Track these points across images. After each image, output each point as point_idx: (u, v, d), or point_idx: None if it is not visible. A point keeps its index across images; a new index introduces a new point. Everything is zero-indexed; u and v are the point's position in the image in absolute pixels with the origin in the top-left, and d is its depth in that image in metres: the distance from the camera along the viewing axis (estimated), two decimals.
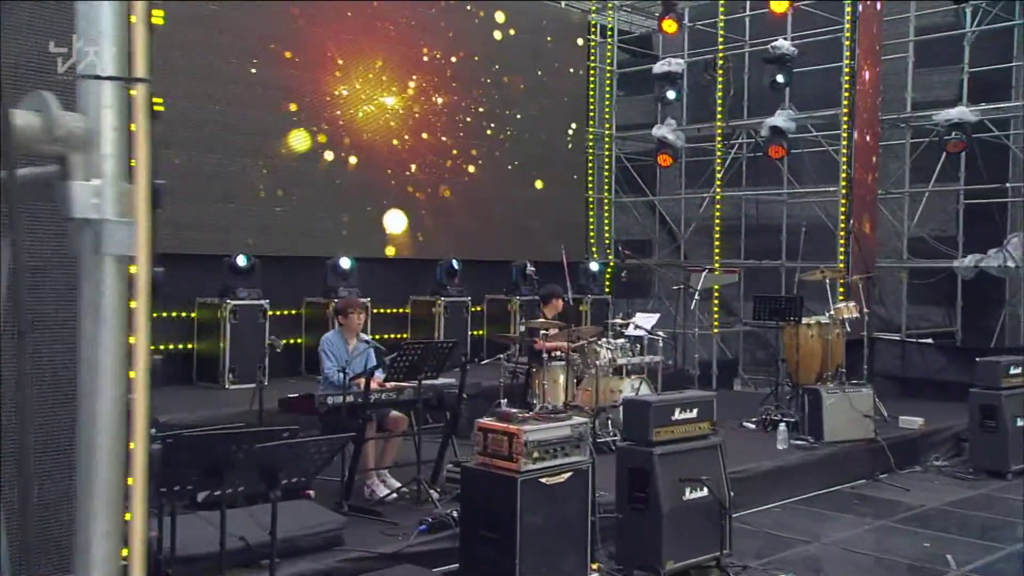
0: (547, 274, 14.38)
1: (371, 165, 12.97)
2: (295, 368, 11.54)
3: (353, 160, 12.75)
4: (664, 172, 17.28)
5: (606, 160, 17.19)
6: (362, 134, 12.91)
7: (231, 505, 4.88)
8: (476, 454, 5.63)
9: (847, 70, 14.18)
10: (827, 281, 11.86)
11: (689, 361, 15.17)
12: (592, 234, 16.91)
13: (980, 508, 9.12)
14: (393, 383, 7.10)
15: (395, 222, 13.16)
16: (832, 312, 11.51)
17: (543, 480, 5.47)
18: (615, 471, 6.66)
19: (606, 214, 17.22)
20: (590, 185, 16.86)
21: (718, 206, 15.79)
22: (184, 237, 10.86)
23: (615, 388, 9.96)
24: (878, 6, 14.28)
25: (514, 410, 5.71)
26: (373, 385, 6.95)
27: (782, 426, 10.09)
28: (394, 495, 7.09)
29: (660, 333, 10.93)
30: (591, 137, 16.72)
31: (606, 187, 17.23)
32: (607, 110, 17.04)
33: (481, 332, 13.75)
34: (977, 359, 10.85)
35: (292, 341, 11.05)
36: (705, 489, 6.56)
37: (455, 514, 6.15)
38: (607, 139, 17.10)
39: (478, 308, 13.88)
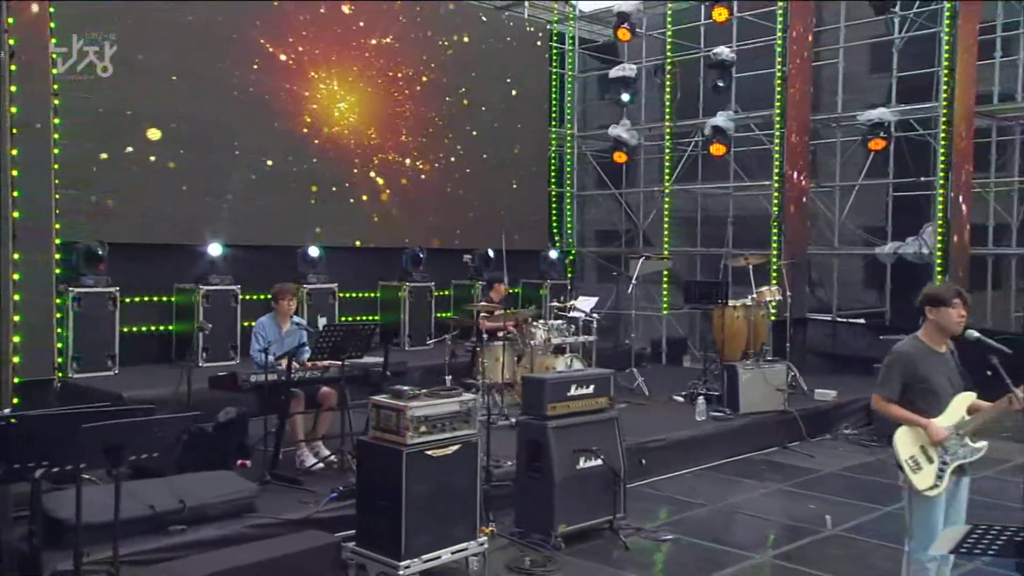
0: (510, 262, 14.39)
1: (342, 160, 12.87)
2: None
3: (326, 155, 12.66)
4: (632, 167, 17.20)
5: (568, 157, 17.10)
6: (334, 131, 12.80)
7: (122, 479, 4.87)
8: (371, 428, 5.60)
9: (779, 76, 14.10)
10: (750, 267, 11.75)
11: (640, 340, 15.19)
12: (555, 226, 16.83)
13: (873, 472, 9.05)
14: (318, 362, 7.06)
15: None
16: (755, 295, 11.46)
17: (430, 452, 5.42)
18: None
19: (568, 207, 17.14)
20: (552, 180, 16.75)
21: (667, 199, 15.72)
22: (163, 228, 10.93)
23: (550, 365, 9.93)
24: (811, 20, 14.16)
25: (407, 388, 5.63)
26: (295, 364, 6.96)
27: (700, 399, 10.06)
28: (320, 464, 7.07)
29: (595, 315, 10.88)
30: (553, 136, 16.63)
31: (568, 182, 17.15)
32: (568, 112, 16.95)
33: (448, 314, 13.72)
34: (880, 336, 10.80)
35: None
36: (599, 459, 6.58)
37: None
38: (568, 138, 17.00)
39: (446, 292, 13.85)
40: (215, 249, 10.92)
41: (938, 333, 4.89)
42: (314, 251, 11.89)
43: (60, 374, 9.70)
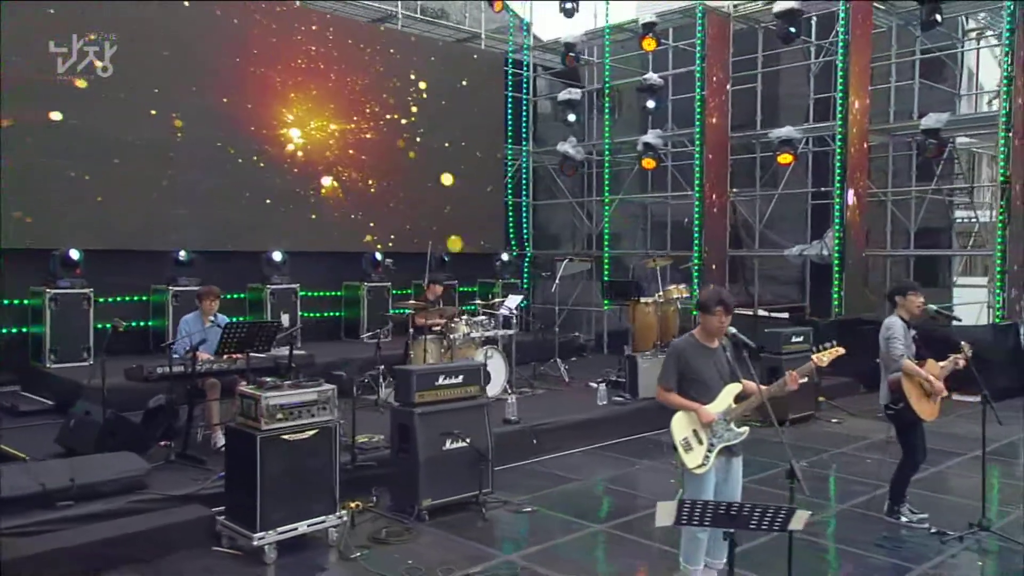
0: (474, 264, 14.37)
1: (309, 175, 12.87)
2: None
3: (294, 170, 12.67)
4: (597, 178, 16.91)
5: (524, 170, 17.00)
6: (306, 148, 12.81)
7: None
8: (237, 416, 5.58)
9: (698, 99, 13.99)
10: (657, 268, 11.65)
11: (590, 332, 15.14)
12: (512, 231, 16.72)
13: (745, 449, 8.87)
14: (233, 355, 7.02)
15: None
16: (662, 293, 11.37)
17: (286, 437, 5.40)
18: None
19: (525, 215, 17.03)
20: (511, 192, 16.66)
21: (607, 208, 15.58)
22: (138, 235, 10.97)
23: (470, 356, 9.88)
24: (718, 49, 14.02)
25: (269, 379, 5.62)
26: (206, 356, 6.95)
27: (601, 385, 9.99)
28: None
29: (515, 311, 10.81)
30: (510, 152, 16.54)
31: (524, 192, 17.05)
32: (523, 130, 16.86)
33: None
34: (766, 329, 10.66)
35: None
36: (464, 441, 6.53)
37: None
38: (524, 154, 16.90)
39: (408, 291, 13.80)
40: (183, 254, 10.99)
41: (707, 332, 4.89)
42: (277, 255, 11.90)
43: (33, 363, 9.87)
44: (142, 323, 11.03)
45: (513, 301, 11.14)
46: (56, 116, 10.24)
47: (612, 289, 11.95)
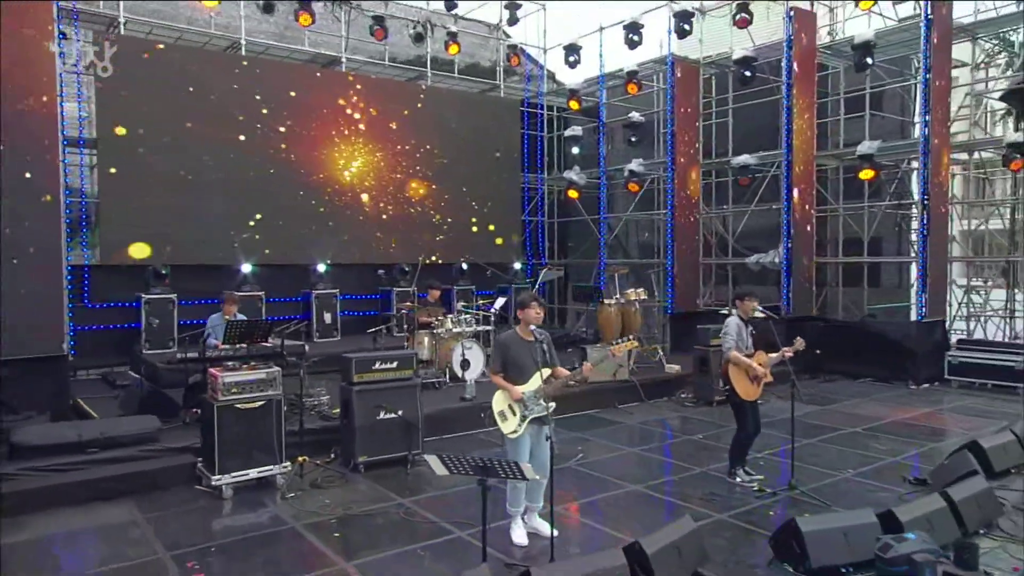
0: (479, 271, 14.94)
1: (348, 201, 13.77)
2: None
3: (339, 199, 13.60)
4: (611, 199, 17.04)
5: (533, 194, 17.48)
6: (349, 180, 13.71)
7: None
8: (209, 390, 6.44)
9: (671, 132, 14.20)
10: (616, 276, 12.01)
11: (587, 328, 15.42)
12: (529, 245, 17.23)
13: (663, 426, 9.13)
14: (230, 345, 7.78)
15: None
16: (620, 295, 11.75)
17: (239, 406, 6.23)
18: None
19: (541, 231, 17.52)
20: (527, 211, 17.20)
21: (597, 225, 15.89)
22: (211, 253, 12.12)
23: (451, 347, 10.40)
24: (688, 91, 14.19)
25: (232, 364, 6.46)
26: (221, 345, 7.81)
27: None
28: None
29: (496, 310, 11.33)
30: (529, 179, 17.06)
31: (541, 212, 17.55)
32: (540, 160, 17.37)
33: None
34: (698, 326, 10.83)
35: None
36: (396, 413, 7.14)
37: None
38: (541, 180, 17.41)
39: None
40: (246, 267, 12.09)
41: (526, 326, 5.39)
42: (321, 267, 12.88)
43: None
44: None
45: (499, 303, 11.76)
46: (172, 146, 11.63)
47: (579, 293, 12.37)
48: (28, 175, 7.81)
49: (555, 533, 5.14)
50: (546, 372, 5.36)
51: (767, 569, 4.83)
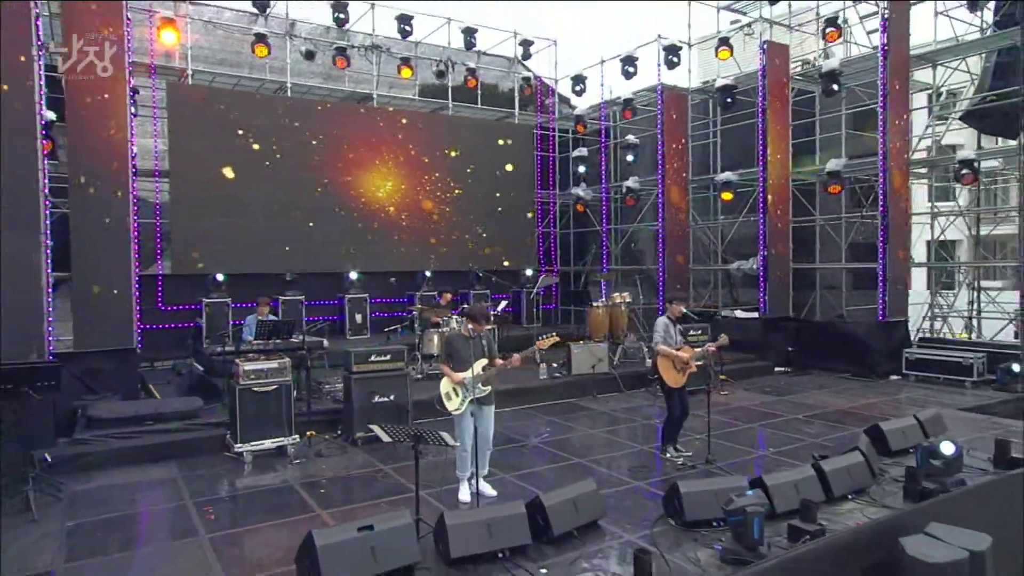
0: (506, 279, 15.61)
1: (381, 217, 14.72)
2: None
3: (370, 214, 14.56)
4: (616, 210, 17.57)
5: (546, 207, 18.15)
6: (379, 198, 14.68)
7: None
8: (232, 377, 7.39)
9: (661, 152, 14.73)
10: (603, 282, 12.61)
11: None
12: (544, 254, 17.90)
13: (630, 412, 9.54)
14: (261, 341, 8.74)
15: None
16: (605, 298, 12.37)
17: (255, 389, 7.18)
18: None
19: (555, 240, 18.20)
20: (542, 223, 17.87)
21: (599, 234, 16.46)
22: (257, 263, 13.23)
23: None
24: (675, 116, 14.69)
25: (253, 355, 7.46)
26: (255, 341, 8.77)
27: (543, 364, 11.03)
28: None
29: (497, 311, 12.03)
30: (541, 195, 17.76)
31: (554, 224, 18.23)
32: (553, 178, 18.05)
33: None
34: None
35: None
36: (387, 397, 7.98)
37: None
38: (553, 196, 18.09)
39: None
40: (289, 276, 13.18)
41: (467, 326, 6.16)
42: (353, 274, 13.90)
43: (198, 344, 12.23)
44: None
45: (501, 304, 12.54)
46: (229, 174, 12.70)
47: (568, 296, 13.03)
48: (109, 203, 8.94)
49: (495, 494, 5.90)
50: (482, 362, 6.10)
51: (654, 523, 5.49)
